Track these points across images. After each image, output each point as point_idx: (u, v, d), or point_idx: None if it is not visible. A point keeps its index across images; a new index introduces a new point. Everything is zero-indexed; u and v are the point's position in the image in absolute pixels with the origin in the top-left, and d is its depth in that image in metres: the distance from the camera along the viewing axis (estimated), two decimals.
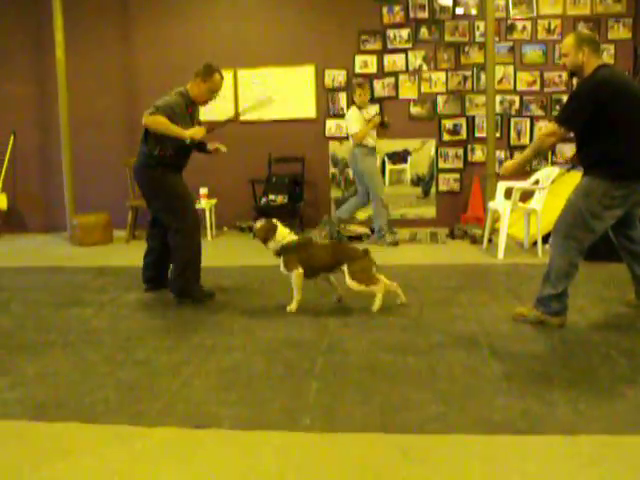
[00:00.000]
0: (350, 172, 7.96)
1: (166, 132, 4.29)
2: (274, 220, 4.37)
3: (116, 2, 8.10)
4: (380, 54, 7.79)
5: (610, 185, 3.61)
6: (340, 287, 4.36)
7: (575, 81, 3.92)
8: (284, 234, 4.29)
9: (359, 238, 7.04)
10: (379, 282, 4.22)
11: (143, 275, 4.91)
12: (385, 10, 7.70)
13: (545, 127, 3.89)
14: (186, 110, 4.48)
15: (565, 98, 7.46)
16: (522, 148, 7.64)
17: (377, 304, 4.18)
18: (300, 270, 4.20)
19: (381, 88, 7.83)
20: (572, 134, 3.81)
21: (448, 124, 7.79)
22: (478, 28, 7.61)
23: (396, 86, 7.82)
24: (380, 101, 7.84)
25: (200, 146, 4.70)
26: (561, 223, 3.78)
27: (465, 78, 7.74)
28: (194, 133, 4.34)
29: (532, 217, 6.14)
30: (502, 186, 6.43)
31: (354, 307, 4.31)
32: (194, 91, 4.52)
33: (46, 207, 8.39)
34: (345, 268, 4.16)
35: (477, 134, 7.77)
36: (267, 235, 4.27)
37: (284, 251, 4.25)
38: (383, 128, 6.88)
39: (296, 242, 4.30)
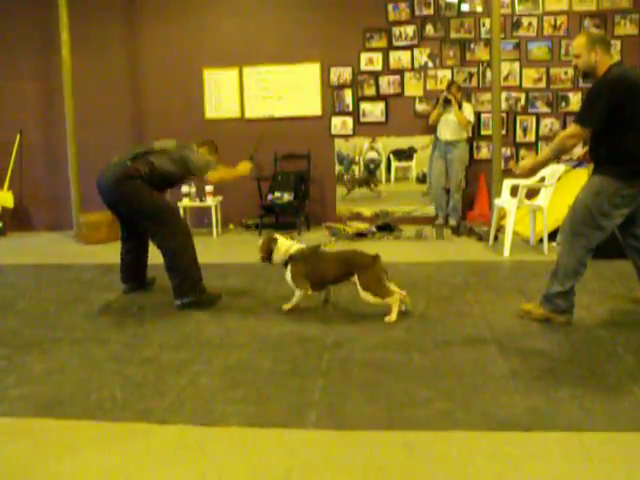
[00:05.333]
0: (357, 169, 8.01)
1: (229, 178, 4.72)
2: (274, 234, 4.30)
3: (121, 0, 8.11)
4: (385, 51, 7.78)
5: (620, 184, 3.59)
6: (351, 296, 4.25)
7: (584, 81, 3.87)
8: (286, 245, 4.20)
9: (364, 235, 7.04)
10: (393, 292, 4.03)
11: (124, 275, 4.84)
12: (390, 7, 7.68)
13: (567, 129, 3.81)
14: None
15: (571, 95, 7.52)
16: (528, 145, 7.67)
17: (393, 316, 3.95)
18: (307, 290, 4.12)
19: (387, 85, 7.81)
20: None
21: None
22: (484, 25, 7.59)
23: (402, 83, 7.81)
24: (386, 98, 7.83)
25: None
26: (570, 221, 3.76)
27: (471, 75, 7.73)
28: (245, 168, 4.73)
29: (538, 214, 6.13)
30: (508, 183, 6.42)
31: (359, 305, 4.30)
32: None
33: (52, 205, 8.42)
34: (356, 279, 3.99)
35: (483, 131, 7.76)
36: (269, 248, 4.20)
37: (291, 260, 4.14)
38: (447, 104, 7.31)
39: (303, 252, 4.19)
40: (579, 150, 5.06)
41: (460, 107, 7.28)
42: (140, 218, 4.49)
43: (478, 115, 7.73)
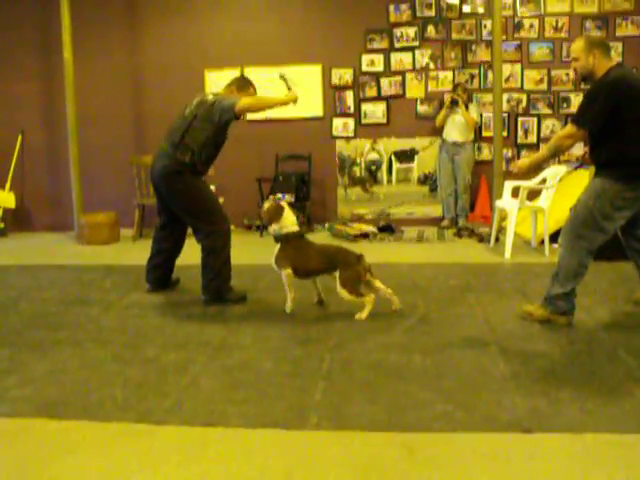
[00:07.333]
0: (358, 170, 8.03)
1: (268, 104, 4.47)
2: (282, 203, 4.31)
3: (123, 2, 8.11)
4: (387, 52, 7.78)
5: (622, 186, 3.59)
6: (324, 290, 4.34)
7: (585, 85, 3.89)
8: (289, 220, 4.20)
9: (366, 236, 7.04)
10: (370, 293, 4.09)
11: (150, 275, 4.87)
12: (392, 8, 7.69)
13: (563, 129, 3.85)
14: None
15: (572, 97, 7.51)
16: (529, 147, 7.66)
17: (364, 314, 4.04)
18: (289, 270, 4.14)
19: (388, 87, 7.81)
20: None
21: None
22: (485, 26, 7.58)
23: (403, 85, 7.80)
24: (387, 99, 7.84)
25: None
26: (571, 223, 3.76)
27: (472, 76, 7.72)
28: (292, 96, 4.52)
29: (539, 216, 6.12)
30: (509, 185, 6.42)
31: (359, 307, 4.30)
32: None
33: (54, 206, 8.42)
34: (337, 274, 4.04)
35: (484, 133, 7.76)
36: (272, 217, 4.20)
37: (282, 240, 4.17)
38: (454, 105, 7.36)
39: (296, 235, 4.21)
40: (578, 151, 5.06)
41: (467, 108, 7.32)
42: (187, 216, 4.58)
43: (479, 116, 7.73)
